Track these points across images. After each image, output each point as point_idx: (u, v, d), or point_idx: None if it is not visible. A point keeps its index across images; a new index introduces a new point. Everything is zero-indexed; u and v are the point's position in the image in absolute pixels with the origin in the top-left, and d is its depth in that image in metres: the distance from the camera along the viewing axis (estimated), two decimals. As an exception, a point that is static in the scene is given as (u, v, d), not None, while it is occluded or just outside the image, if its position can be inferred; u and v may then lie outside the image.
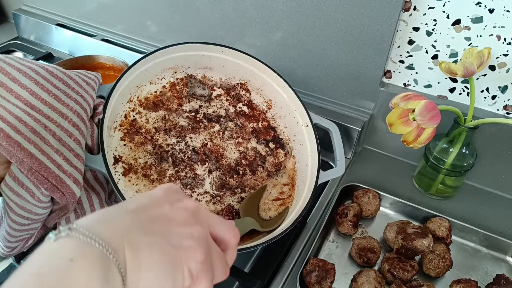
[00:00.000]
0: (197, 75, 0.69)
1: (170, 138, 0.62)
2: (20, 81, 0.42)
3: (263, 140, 0.67)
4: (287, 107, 0.68)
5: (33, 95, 0.42)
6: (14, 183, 0.42)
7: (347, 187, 0.69)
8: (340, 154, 0.64)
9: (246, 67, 0.69)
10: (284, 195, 0.64)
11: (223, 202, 0.60)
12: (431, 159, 0.65)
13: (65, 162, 0.43)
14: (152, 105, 0.63)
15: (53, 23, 1.07)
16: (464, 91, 0.67)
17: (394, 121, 0.58)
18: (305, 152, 0.65)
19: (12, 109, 0.40)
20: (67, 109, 0.45)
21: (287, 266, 0.58)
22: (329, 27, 0.69)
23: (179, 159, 0.60)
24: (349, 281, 0.57)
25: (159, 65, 0.64)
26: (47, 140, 0.41)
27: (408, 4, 0.63)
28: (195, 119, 0.65)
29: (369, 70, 0.70)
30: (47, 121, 0.42)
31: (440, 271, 0.56)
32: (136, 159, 0.58)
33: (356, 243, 0.60)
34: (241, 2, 0.75)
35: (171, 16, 0.88)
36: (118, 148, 0.57)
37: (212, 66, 0.69)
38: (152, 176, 0.57)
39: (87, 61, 0.83)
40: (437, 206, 0.67)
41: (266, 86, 0.69)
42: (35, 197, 0.43)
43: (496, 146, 0.66)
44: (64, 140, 0.43)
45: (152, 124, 0.62)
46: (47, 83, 0.45)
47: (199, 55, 0.66)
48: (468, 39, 0.62)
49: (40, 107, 0.42)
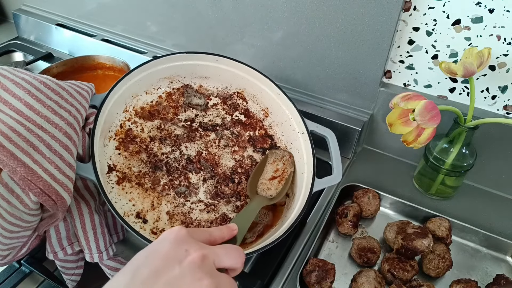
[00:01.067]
0: (194, 85, 0.69)
1: (165, 147, 0.62)
2: (14, 92, 0.43)
3: (260, 148, 0.67)
4: (283, 115, 0.68)
5: (27, 106, 0.43)
6: (4, 190, 0.43)
7: (347, 187, 0.69)
8: (337, 162, 0.62)
9: (241, 75, 0.69)
10: (279, 172, 0.63)
11: (217, 211, 0.59)
12: (431, 159, 0.65)
13: (57, 171, 0.44)
14: (147, 115, 0.63)
15: (53, 23, 1.07)
16: (464, 91, 0.67)
17: (394, 121, 0.58)
18: (301, 160, 0.64)
19: (5, 119, 0.41)
20: (59, 119, 0.46)
21: (287, 266, 0.58)
22: (329, 27, 0.69)
23: (173, 168, 0.61)
24: (349, 281, 0.57)
25: (154, 74, 0.64)
26: (39, 150, 0.42)
27: (408, 4, 0.63)
28: (191, 128, 0.65)
29: (369, 70, 0.70)
30: (40, 131, 0.43)
31: (440, 271, 0.56)
32: (130, 168, 0.58)
33: (356, 243, 0.60)
34: (241, 2, 0.75)
35: (171, 16, 0.88)
36: (113, 157, 0.58)
37: (208, 75, 0.69)
38: (145, 185, 0.58)
39: (87, 61, 0.83)
40: (437, 206, 0.67)
41: (262, 94, 0.70)
42: (24, 204, 0.43)
43: (496, 146, 0.66)
44: (56, 150, 0.44)
45: (148, 133, 0.62)
46: (41, 94, 0.46)
47: (194, 65, 0.67)
48: (468, 39, 0.62)
49: (33, 118, 0.43)
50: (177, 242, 0.35)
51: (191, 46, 0.90)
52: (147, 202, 0.57)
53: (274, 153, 0.66)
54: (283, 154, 0.66)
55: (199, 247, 0.36)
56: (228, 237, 0.42)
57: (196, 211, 0.58)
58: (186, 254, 0.34)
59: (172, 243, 0.35)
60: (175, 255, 0.34)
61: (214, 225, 0.58)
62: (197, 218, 0.58)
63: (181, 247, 0.35)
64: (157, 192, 0.58)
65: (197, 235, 0.38)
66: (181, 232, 0.37)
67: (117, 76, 0.84)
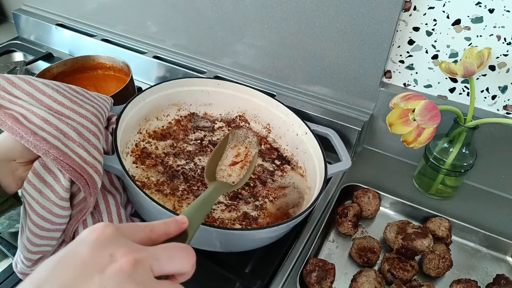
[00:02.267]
0: (199, 113, 0.75)
1: (179, 160, 0.65)
2: (44, 91, 0.48)
3: (269, 158, 0.70)
4: (284, 125, 0.72)
5: (56, 102, 0.48)
6: (37, 180, 0.44)
7: (347, 187, 0.69)
8: (344, 151, 0.65)
9: (240, 96, 0.74)
10: (240, 157, 0.65)
11: (238, 210, 0.60)
12: (431, 159, 0.65)
13: (87, 153, 0.46)
14: (160, 136, 0.69)
15: (53, 23, 1.07)
16: (464, 91, 0.67)
17: (394, 121, 0.58)
18: (310, 156, 0.66)
19: (38, 112, 0.45)
20: (85, 111, 0.50)
21: (287, 266, 0.58)
22: (329, 27, 0.69)
23: (190, 176, 0.63)
24: (349, 281, 0.57)
25: (164, 99, 0.70)
26: (69, 136, 0.45)
27: (408, 4, 0.63)
28: (201, 145, 0.70)
29: (369, 70, 0.70)
30: (69, 120, 0.47)
31: (440, 271, 0.56)
32: (149, 178, 0.61)
33: (356, 243, 0.60)
34: (241, 2, 0.75)
35: (171, 16, 0.88)
36: (131, 169, 0.61)
37: (211, 102, 0.75)
38: (165, 191, 0.60)
39: (87, 61, 0.83)
40: (437, 206, 0.67)
41: (262, 111, 0.74)
42: (56, 193, 0.45)
43: (496, 146, 0.66)
44: (84, 135, 0.47)
45: (162, 150, 0.66)
46: (67, 92, 0.50)
47: (198, 91, 0.73)
48: (468, 39, 0.62)
49: (62, 111, 0.48)
50: (99, 244, 0.27)
51: (191, 46, 0.90)
52: (169, 205, 0.58)
53: (235, 134, 0.67)
54: (246, 135, 0.67)
55: (129, 249, 0.27)
56: (175, 232, 0.33)
57: (217, 211, 0.59)
58: (111, 260, 0.26)
59: (92, 246, 0.27)
60: (95, 262, 0.26)
61: (237, 222, 0.59)
62: (220, 217, 0.58)
63: (104, 251, 0.27)
64: (177, 196, 0.60)
65: (132, 233, 0.30)
66: (107, 230, 0.28)
67: (117, 76, 0.84)
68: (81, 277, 0.25)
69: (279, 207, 0.62)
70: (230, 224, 0.58)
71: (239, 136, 0.67)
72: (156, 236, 0.31)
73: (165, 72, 0.93)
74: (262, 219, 0.60)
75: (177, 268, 0.30)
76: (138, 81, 0.96)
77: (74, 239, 0.28)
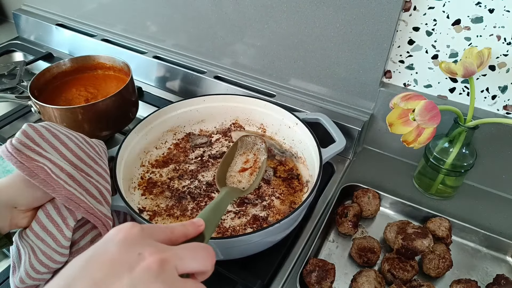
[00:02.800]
0: (195, 131, 0.78)
1: (184, 181, 0.68)
2: (67, 145, 0.51)
3: (270, 157, 0.71)
4: (276, 121, 0.74)
5: (76, 156, 0.51)
6: (39, 229, 0.46)
7: (347, 187, 0.69)
8: (336, 132, 0.66)
9: (228, 105, 0.76)
10: (249, 163, 0.65)
11: (247, 214, 0.61)
12: (431, 159, 0.65)
13: (106, 210, 0.50)
14: (162, 163, 0.72)
15: (53, 23, 1.07)
16: (464, 91, 0.67)
17: (394, 121, 0.58)
18: (306, 145, 0.67)
19: (64, 166, 0.48)
20: (100, 168, 0.54)
21: (287, 266, 0.58)
22: (329, 27, 0.69)
23: (196, 194, 0.65)
24: (349, 281, 0.57)
25: (158, 128, 0.72)
26: (90, 192, 0.49)
27: (408, 4, 0.63)
28: (202, 161, 0.72)
29: (369, 70, 0.70)
30: (89, 177, 0.50)
31: (440, 271, 0.56)
32: (158, 205, 0.64)
33: (356, 243, 0.60)
34: (241, 2, 0.75)
35: (171, 16, 0.88)
36: (141, 201, 0.64)
37: (203, 118, 0.77)
38: (175, 214, 0.62)
39: (87, 61, 0.83)
40: (437, 206, 0.67)
41: (252, 114, 0.76)
42: (57, 241, 0.46)
43: (496, 146, 0.66)
44: (104, 193, 0.51)
45: (166, 176, 0.69)
46: (84, 146, 0.54)
47: (188, 111, 0.75)
48: (468, 39, 0.62)
49: (81, 166, 0.51)
50: (127, 244, 0.28)
51: (191, 46, 0.90)
52: None
53: (244, 142, 0.67)
54: (254, 142, 0.67)
55: (156, 249, 0.29)
56: (193, 234, 0.35)
57: (227, 220, 0.60)
58: (139, 259, 0.27)
59: (120, 245, 0.28)
60: (124, 260, 0.27)
61: (248, 226, 0.59)
62: (230, 226, 0.59)
63: (133, 250, 0.28)
64: (187, 216, 0.62)
65: (155, 234, 0.31)
66: (133, 229, 0.29)
67: (117, 76, 0.84)
68: (111, 274, 0.26)
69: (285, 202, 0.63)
70: (241, 230, 0.58)
71: (247, 143, 0.68)
72: (175, 238, 0.33)
73: (165, 72, 0.93)
74: (272, 217, 0.61)
75: (199, 267, 0.31)
76: (138, 81, 0.96)
77: (103, 238, 0.30)
